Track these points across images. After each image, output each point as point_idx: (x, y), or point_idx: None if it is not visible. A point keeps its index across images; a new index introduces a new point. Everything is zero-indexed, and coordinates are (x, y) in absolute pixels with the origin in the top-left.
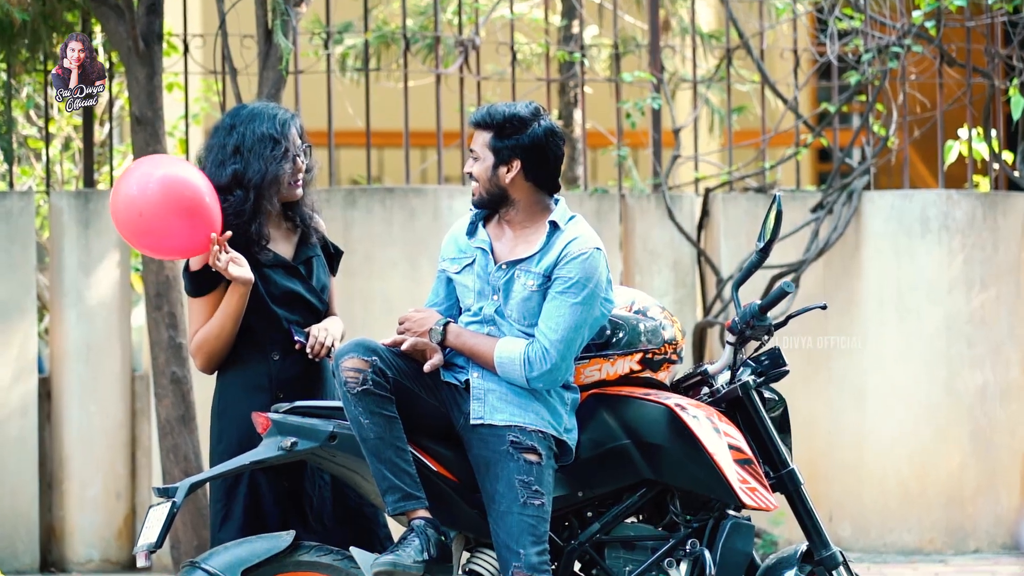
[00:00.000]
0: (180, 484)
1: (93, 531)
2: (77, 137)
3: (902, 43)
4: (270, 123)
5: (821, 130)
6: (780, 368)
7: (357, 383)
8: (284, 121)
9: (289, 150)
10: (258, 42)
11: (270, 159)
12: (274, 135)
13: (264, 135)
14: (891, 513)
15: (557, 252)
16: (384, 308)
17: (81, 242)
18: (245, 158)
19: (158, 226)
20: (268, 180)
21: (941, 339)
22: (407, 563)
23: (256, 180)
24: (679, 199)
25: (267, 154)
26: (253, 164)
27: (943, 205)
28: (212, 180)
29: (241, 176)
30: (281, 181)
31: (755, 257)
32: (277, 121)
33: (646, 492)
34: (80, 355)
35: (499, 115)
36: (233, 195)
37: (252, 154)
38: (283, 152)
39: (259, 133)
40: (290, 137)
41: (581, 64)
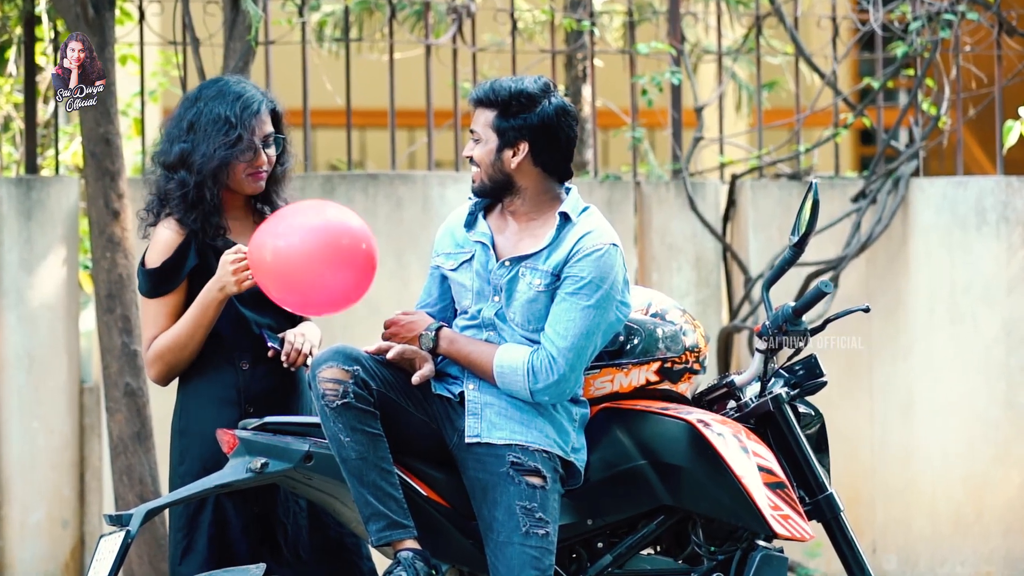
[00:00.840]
0: (135, 511)
1: (35, 563)
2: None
3: (955, 9)
4: (230, 106)
5: (863, 109)
6: (817, 379)
7: (337, 396)
8: (247, 106)
9: (244, 137)
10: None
11: (220, 144)
12: (230, 119)
13: (219, 117)
14: (943, 543)
15: (568, 248)
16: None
17: (22, 235)
18: (195, 138)
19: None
20: (213, 167)
21: (1000, 346)
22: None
23: (199, 164)
24: (702, 187)
25: (217, 138)
26: (201, 146)
27: (1002, 194)
28: (161, 155)
29: (187, 157)
30: (232, 171)
31: (788, 253)
32: (239, 104)
33: (664, 520)
34: (21, 364)
35: (504, 91)
36: (177, 175)
37: (202, 135)
38: (236, 138)
39: (215, 114)
40: (250, 124)
41: (591, 34)
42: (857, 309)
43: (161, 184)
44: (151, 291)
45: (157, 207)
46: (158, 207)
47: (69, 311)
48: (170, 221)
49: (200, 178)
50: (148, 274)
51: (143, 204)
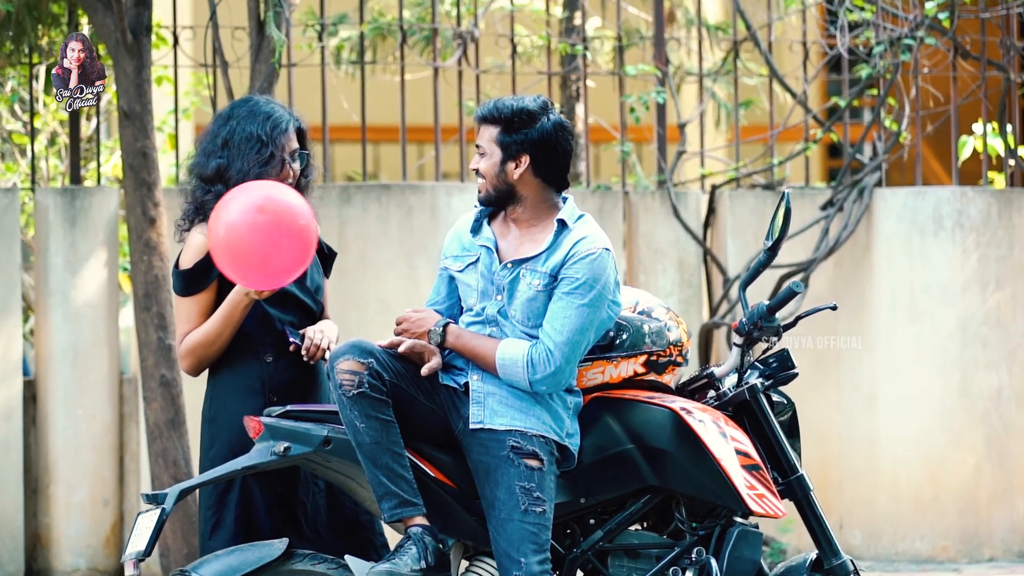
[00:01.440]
0: (169, 490)
1: (79, 538)
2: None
3: (915, 35)
4: (261, 125)
5: (831, 125)
6: (789, 371)
7: (353, 386)
8: (276, 125)
9: (275, 155)
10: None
11: (253, 161)
12: (262, 137)
13: (252, 135)
14: (903, 520)
15: (565, 251)
16: (380, 310)
17: (67, 240)
18: (231, 154)
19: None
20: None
21: (955, 341)
22: (404, 571)
23: (236, 179)
24: (684, 196)
25: (251, 155)
26: (236, 162)
27: (957, 203)
28: (198, 168)
29: (224, 171)
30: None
31: (763, 256)
32: (269, 124)
33: (650, 499)
34: (66, 357)
35: (507, 109)
36: (215, 188)
37: (237, 152)
38: (268, 156)
39: (247, 132)
40: (279, 142)
41: (584, 57)
42: (825, 307)
43: (198, 195)
44: (184, 290)
45: (192, 215)
46: (193, 215)
47: (109, 309)
48: (203, 227)
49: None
50: (182, 275)
51: (179, 213)
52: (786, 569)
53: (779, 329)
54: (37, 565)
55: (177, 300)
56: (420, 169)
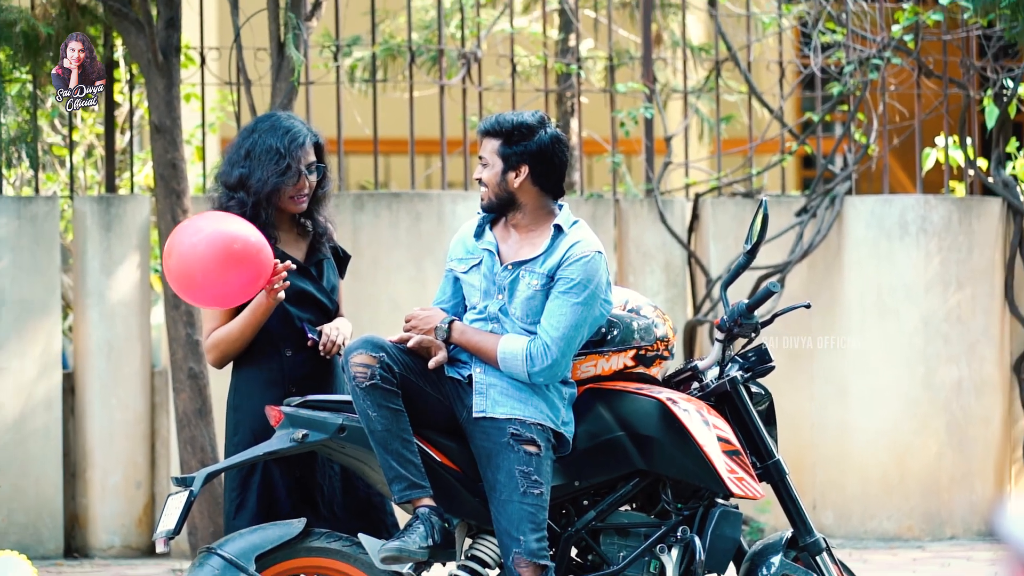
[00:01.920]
0: (197, 474)
1: (114, 518)
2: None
3: (882, 55)
4: (280, 139)
5: (805, 138)
6: (766, 364)
7: (365, 378)
8: (295, 139)
9: (292, 167)
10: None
11: (272, 171)
12: (280, 150)
13: (271, 148)
14: (872, 501)
15: (560, 254)
16: (390, 308)
17: (103, 244)
18: (252, 164)
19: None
20: (267, 191)
21: (919, 337)
22: (412, 548)
23: (256, 188)
24: (670, 203)
25: (270, 166)
26: (256, 172)
27: (921, 209)
28: (223, 176)
29: (245, 180)
30: (281, 194)
31: (742, 259)
32: (288, 137)
33: (639, 482)
34: (102, 352)
35: (508, 123)
36: (237, 195)
37: (257, 162)
38: (285, 167)
39: (268, 145)
40: (297, 155)
41: (578, 76)
42: (800, 306)
43: (223, 200)
44: None
45: None
46: None
47: (142, 307)
48: None
49: (256, 199)
50: None
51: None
52: (764, 546)
53: (757, 326)
54: (75, 543)
55: None
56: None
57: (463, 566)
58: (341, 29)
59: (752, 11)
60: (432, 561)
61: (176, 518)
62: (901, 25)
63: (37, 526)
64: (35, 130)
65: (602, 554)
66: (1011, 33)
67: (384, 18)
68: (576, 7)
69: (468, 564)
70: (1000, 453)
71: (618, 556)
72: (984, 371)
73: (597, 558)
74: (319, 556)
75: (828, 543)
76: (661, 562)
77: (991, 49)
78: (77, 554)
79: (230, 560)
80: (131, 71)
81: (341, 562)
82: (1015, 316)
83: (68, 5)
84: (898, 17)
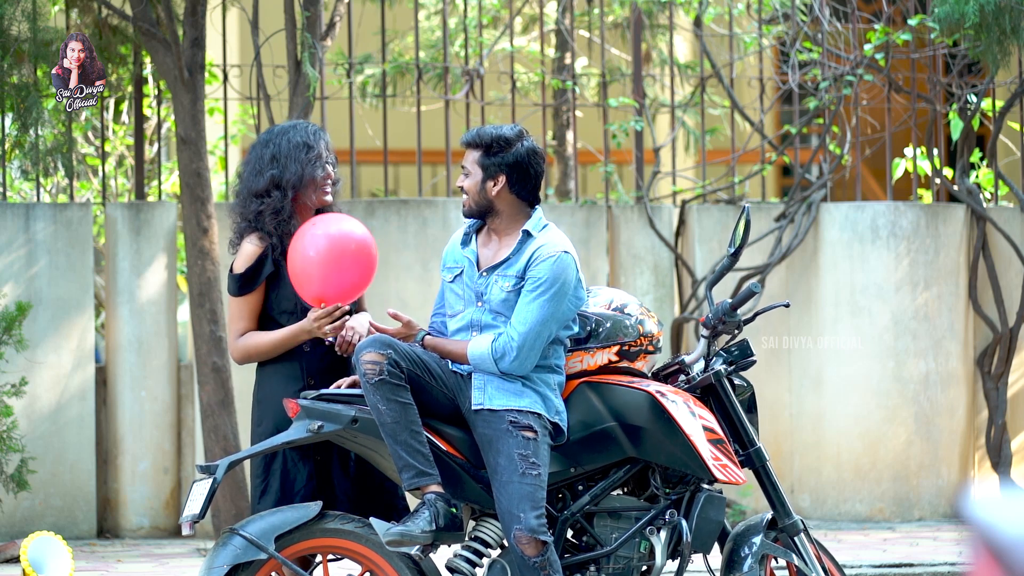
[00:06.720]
0: (220, 462)
1: (143, 502)
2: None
3: (855, 72)
4: (303, 133)
5: (784, 149)
6: (748, 358)
7: (375, 374)
8: (315, 131)
9: (322, 155)
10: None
11: (305, 162)
12: (308, 142)
13: (299, 143)
14: (846, 486)
15: (528, 256)
16: (399, 306)
17: (133, 247)
18: (282, 163)
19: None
20: (305, 180)
21: (889, 333)
22: (415, 533)
23: (294, 180)
24: (659, 210)
25: (302, 157)
26: (290, 167)
27: (891, 215)
28: (251, 186)
29: (279, 179)
30: (317, 183)
31: (726, 261)
32: (309, 131)
33: (630, 468)
34: (132, 347)
35: (487, 136)
36: (271, 196)
37: (289, 159)
38: (316, 156)
39: (294, 141)
40: (321, 145)
41: (573, 91)
42: (779, 305)
43: (251, 207)
44: (237, 291)
45: (243, 229)
46: (243, 229)
47: (169, 306)
48: (253, 237)
49: (295, 191)
50: (235, 278)
51: (229, 226)
52: (746, 528)
53: (740, 323)
54: (107, 524)
55: (231, 300)
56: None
57: (466, 546)
58: (354, 48)
59: (735, 31)
60: (439, 543)
61: (201, 503)
62: (873, 44)
63: (72, 509)
64: (70, 142)
65: (596, 536)
66: (975, 52)
67: (393, 38)
68: (571, 28)
69: (471, 544)
70: (964, 441)
71: (611, 537)
72: (950, 365)
73: (591, 539)
74: (334, 537)
75: (805, 524)
76: (651, 543)
77: (956, 67)
78: (109, 535)
79: (251, 540)
80: (159, 87)
81: (354, 543)
82: (978, 314)
83: (100, 26)
84: (870, 37)
